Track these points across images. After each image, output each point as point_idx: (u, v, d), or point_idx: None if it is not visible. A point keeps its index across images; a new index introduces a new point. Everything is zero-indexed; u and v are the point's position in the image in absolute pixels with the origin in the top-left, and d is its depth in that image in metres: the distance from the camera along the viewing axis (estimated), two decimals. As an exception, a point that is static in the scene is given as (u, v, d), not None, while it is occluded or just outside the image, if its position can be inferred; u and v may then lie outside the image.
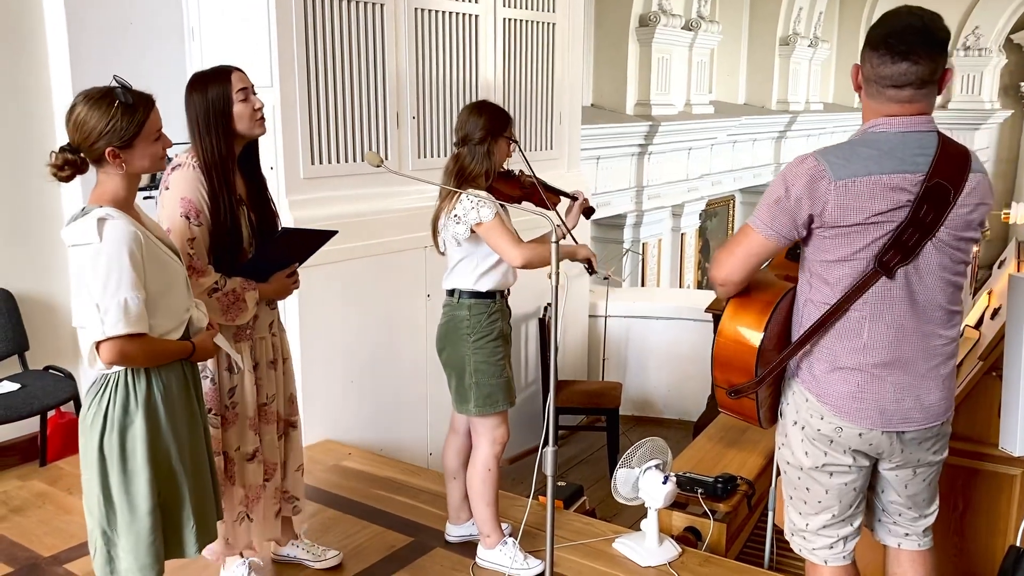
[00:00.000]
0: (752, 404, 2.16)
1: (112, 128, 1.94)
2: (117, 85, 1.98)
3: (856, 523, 2.21)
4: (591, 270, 2.76)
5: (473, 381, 2.83)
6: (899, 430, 2.06)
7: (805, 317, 2.08)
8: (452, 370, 2.89)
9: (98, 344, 1.94)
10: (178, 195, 2.38)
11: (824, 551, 2.22)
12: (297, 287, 2.68)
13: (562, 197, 3.06)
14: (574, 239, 2.93)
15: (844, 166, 1.93)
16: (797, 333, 2.12)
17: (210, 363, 2.49)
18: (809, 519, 2.21)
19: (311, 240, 2.64)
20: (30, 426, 3.72)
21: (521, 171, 2.98)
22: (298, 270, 2.68)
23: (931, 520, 2.27)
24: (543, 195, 2.90)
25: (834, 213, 1.93)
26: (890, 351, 2.01)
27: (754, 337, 2.09)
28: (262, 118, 2.49)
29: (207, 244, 2.42)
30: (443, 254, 2.91)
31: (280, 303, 2.76)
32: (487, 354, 2.82)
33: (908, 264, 1.95)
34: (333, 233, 2.63)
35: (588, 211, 3.08)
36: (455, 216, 2.75)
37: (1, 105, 3.66)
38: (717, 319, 5.40)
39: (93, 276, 1.92)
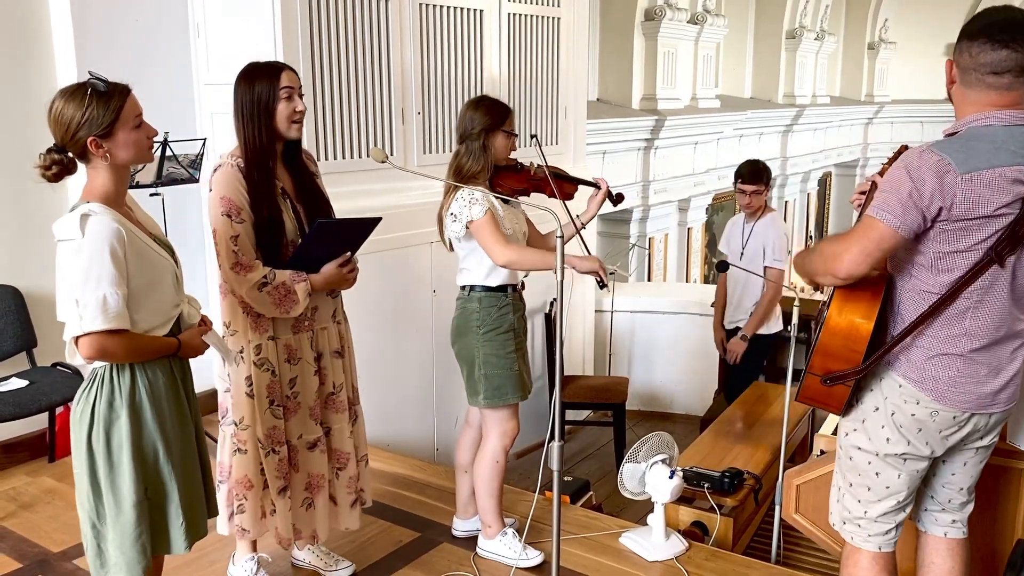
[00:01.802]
0: (845, 391, 2.19)
1: (89, 117, 1.95)
2: (91, 78, 1.99)
3: (909, 509, 2.28)
4: (601, 283, 2.71)
5: (482, 373, 2.86)
6: (991, 412, 2.13)
7: (908, 306, 2.12)
8: (463, 362, 2.93)
9: (77, 339, 1.95)
10: (219, 195, 2.44)
11: (879, 537, 2.27)
12: (355, 275, 2.66)
13: (580, 186, 3.06)
14: (581, 237, 2.92)
15: (966, 160, 1.96)
16: (895, 321, 2.15)
17: (270, 355, 2.52)
18: (870, 506, 2.25)
19: (355, 229, 2.61)
20: (39, 422, 3.73)
21: (532, 162, 2.98)
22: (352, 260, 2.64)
23: (972, 506, 2.34)
24: (554, 186, 2.89)
25: (963, 206, 1.96)
26: (989, 336, 2.07)
27: (866, 327, 2.12)
28: (298, 122, 2.50)
29: (252, 240, 2.45)
30: (451, 251, 2.93)
31: None
32: (496, 346, 2.85)
33: (1015, 253, 2.01)
34: (377, 220, 2.59)
35: (618, 198, 3.06)
36: (452, 214, 2.79)
37: (8, 104, 3.67)
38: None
39: (74, 271, 1.93)
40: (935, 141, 2.04)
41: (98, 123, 1.95)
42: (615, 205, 3.07)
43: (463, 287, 2.91)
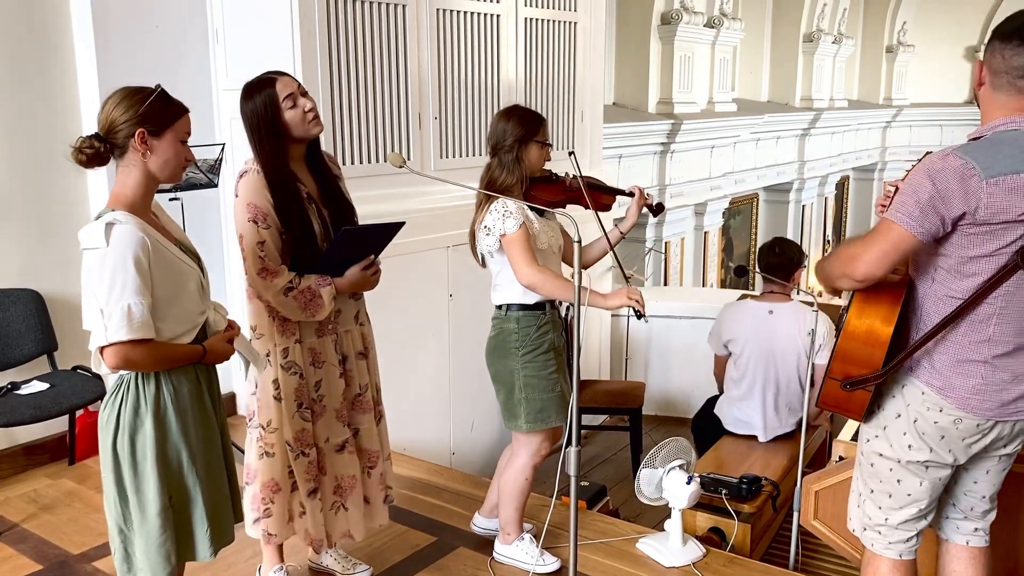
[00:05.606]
0: (865, 397, 2.17)
1: (147, 111, 1.97)
2: (158, 86, 2.03)
3: (931, 517, 2.26)
4: (638, 314, 2.60)
5: (523, 396, 2.78)
6: (1015, 419, 2.10)
7: (930, 311, 2.10)
8: (501, 385, 2.85)
9: (102, 349, 1.96)
10: (245, 201, 2.45)
11: (900, 545, 2.25)
12: (378, 276, 2.67)
13: (617, 196, 2.99)
14: (609, 242, 2.86)
15: (991, 164, 1.93)
16: (917, 326, 2.13)
17: (297, 358, 2.53)
18: (891, 513, 2.23)
19: (379, 233, 2.62)
20: (59, 425, 3.77)
21: (568, 173, 2.91)
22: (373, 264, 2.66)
23: (994, 514, 2.31)
24: (590, 198, 2.83)
25: (987, 211, 1.94)
26: (1012, 342, 2.05)
27: (885, 331, 2.10)
28: (315, 118, 2.51)
29: (278, 246, 2.46)
30: (484, 267, 2.87)
31: None
32: (537, 368, 2.78)
33: None
34: (400, 224, 2.61)
35: (656, 209, 2.98)
36: (485, 228, 2.72)
37: (29, 108, 3.71)
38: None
39: (99, 281, 1.93)
40: (958, 145, 2.01)
41: (155, 119, 1.98)
42: (655, 216, 3.01)
43: (499, 306, 2.83)
